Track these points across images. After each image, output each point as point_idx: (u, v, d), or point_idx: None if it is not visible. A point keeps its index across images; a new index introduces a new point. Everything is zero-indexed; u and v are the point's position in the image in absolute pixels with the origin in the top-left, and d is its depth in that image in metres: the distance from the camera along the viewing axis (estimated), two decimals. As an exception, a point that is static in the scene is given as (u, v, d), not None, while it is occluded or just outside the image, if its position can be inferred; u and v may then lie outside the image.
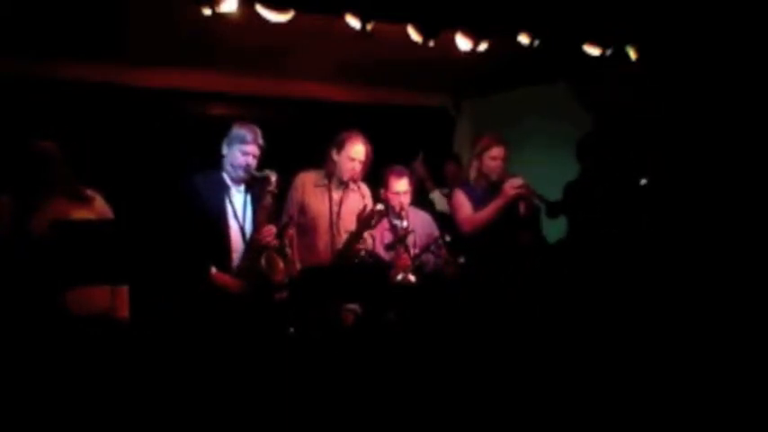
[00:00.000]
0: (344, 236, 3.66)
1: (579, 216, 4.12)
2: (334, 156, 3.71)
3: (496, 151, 4.00)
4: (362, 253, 3.63)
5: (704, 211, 4.10)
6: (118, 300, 3.12)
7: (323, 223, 3.67)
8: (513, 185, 3.90)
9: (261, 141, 3.37)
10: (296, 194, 3.73)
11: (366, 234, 3.66)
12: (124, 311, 3.11)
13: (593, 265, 3.96)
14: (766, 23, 3.83)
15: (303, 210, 3.71)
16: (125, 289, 3.12)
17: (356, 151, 3.68)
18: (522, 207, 3.97)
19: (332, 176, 3.72)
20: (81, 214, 3.02)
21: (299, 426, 3.09)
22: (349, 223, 3.67)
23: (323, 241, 3.67)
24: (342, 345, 3.53)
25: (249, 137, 3.33)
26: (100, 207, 3.14)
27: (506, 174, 3.98)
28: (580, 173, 4.17)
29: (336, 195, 3.72)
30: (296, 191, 3.74)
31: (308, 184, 3.74)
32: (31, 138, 3.05)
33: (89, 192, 3.12)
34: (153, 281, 3.00)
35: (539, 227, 4.21)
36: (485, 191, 4.02)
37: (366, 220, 3.59)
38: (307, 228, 3.70)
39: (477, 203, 4.00)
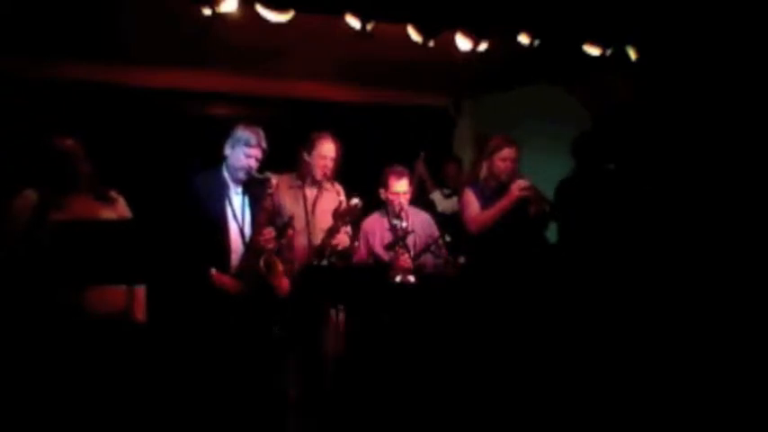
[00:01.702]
0: (320, 234, 3.68)
1: (571, 216, 4.12)
2: (306, 157, 3.79)
3: (507, 152, 4.01)
4: (338, 248, 3.64)
5: (701, 212, 4.09)
6: (135, 302, 3.11)
7: (299, 223, 3.70)
8: (519, 186, 3.91)
9: (264, 145, 3.38)
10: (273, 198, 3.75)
11: (343, 230, 3.67)
12: (140, 314, 3.12)
13: (587, 266, 3.96)
14: (766, 23, 3.82)
15: (279, 212, 3.73)
16: (142, 291, 3.13)
17: (327, 149, 3.76)
18: (531, 209, 3.98)
19: (305, 178, 3.80)
20: (105, 215, 3.04)
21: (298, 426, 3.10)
22: (324, 222, 3.70)
23: (299, 241, 3.69)
24: (339, 346, 3.53)
25: (254, 140, 3.34)
26: (122, 209, 3.15)
27: (517, 175, 3.99)
28: (573, 172, 4.18)
29: (310, 195, 3.79)
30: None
31: (283, 187, 3.76)
32: (53, 134, 3.05)
33: (113, 193, 3.15)
34: (156, 281, 3.03)
35: (546, 229, 4.21)
36: (494, 191, 4.02)
37: (341, 215, 3.62)
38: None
39: (486, 203, 4.01)
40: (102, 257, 2.58)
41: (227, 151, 3.38)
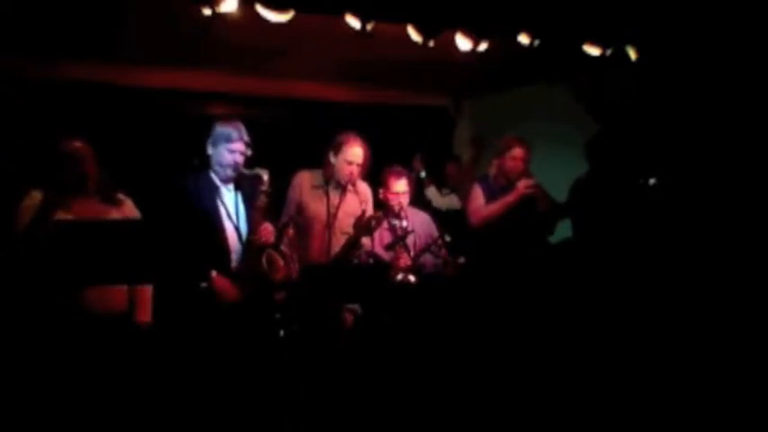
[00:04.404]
0: (340, 237, 3.64)
1: (585, 216, 4.13)
2: (332, 158, 3.67)
3: (517, 151, 4.07)
4: (361, 258, 3.62)
5: (711, 212, 4.09)
6: (140, 302, 3.12)
7: (319, 225, 3.65)
8: (525, 184, 3.94)
9: (246, 138, 3.27)
10: (294, 194, 3.72)
11: (363, 239, 3.64)
12: (145, 315, 3.12)
13: (598, 266, 3.97)
14: (766, 23, 3.82)
15: (300, 210, 3.69)
16: (145, 292, 3.14)
17: (354, 154, 3.64)
18: (539, 206, 4.00)
19: (330, 179, 3.69)
20: (111, 216, 3.04)
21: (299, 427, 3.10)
22: (345, 225, 3.65)
23: (318, 243, 3.64)
24: (340, 346, 3.53)
25: (234, 135, 3.24)
26: (129, 211, 3.15)
27: (527, 174, 4.02)
28: (588, 172, 4.19)
29: (334, 198, 3.67)
30: (294, 190, 3.72)
31: (306, 185, 3.72)
32: (62, 136, 3.06)
33: (120, 195, 3.15)
34: (158, 282, 3.03)
35: (553, 227, 4.23)
36: (502, 189, 4.06)
37: (364, 227, 3.57)
38: (302, 228, 3.68)
39: (491, 199, 4.03)
40: (101, 258, 2.58)
41: (210, 150, 3.29)
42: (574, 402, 3.53)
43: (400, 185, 3.97)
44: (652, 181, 4.11)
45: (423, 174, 5.29)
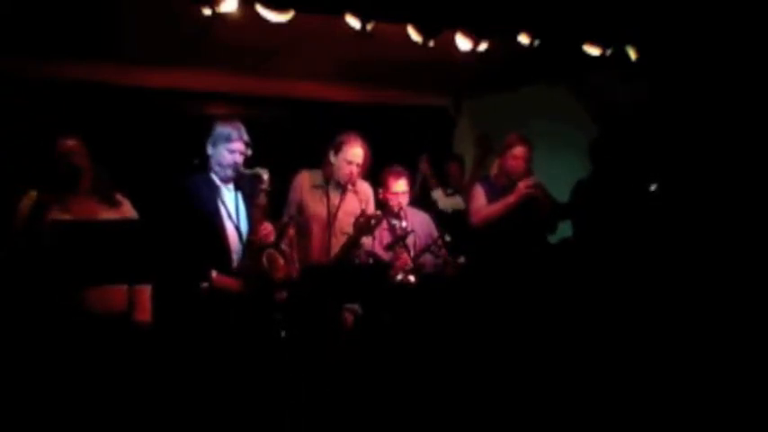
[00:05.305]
0: (340, 237, 3.64)
1: (587, 217, 4.13)
2: (332, 158, 3.68)
3: (519, 150, 4.05)
4: (361, 257, 3.62)
5: (711, 215, 4.09)
6: (138, 302, 3.14)
7: (319, 225, 3.66)
8: (526, 184, 3.94)
9: (246, 138, 3.28)
10: (294, 194, 3.72)
11: (363, 239, 3.64)
12: (142, 314, 3.14)
13: (598, 267, 3.97)
14: (766, 23, 3.82)
15: (301, 209, 3.70)
16: (144, 291, 3.15)
17: (354, 154, 3.65)
18: (542, 207, 4.00)
19: (329, 179, 3.70)
20: (107, 216, 3.05)
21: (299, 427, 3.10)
22: (345, 225, 3.65)
23: (318, 242, 3.65)
24: (340, 346, 3.53)
25: (234, 134, 3.25)
26: (127, 212, 3.17)
27: (528, 173, 4.02)
28: (590, 174, 4.18)
29: (334, 198, 3.68)
30: (294, 191, 3.73)
31: (306, 185, 3.73)
32: (56, 134, 3.08)
33: (119, 196, 3.16)
34: (157, 282, 3.04)
35: (554, 227, 4.23)
36: (504, 188, 4.06)
37: (364, 227, 3.57)
38: (303, 228, 3.68)
39: (493, 199, 4.03)
40: (101, 258, 2.59)
41: (210, 151, 3.30)
42: (573, 402, 3.53)
43: (400, 185, 3.97)
44: (653, 187, 4.12)
45: (429, 179, 5.29)
